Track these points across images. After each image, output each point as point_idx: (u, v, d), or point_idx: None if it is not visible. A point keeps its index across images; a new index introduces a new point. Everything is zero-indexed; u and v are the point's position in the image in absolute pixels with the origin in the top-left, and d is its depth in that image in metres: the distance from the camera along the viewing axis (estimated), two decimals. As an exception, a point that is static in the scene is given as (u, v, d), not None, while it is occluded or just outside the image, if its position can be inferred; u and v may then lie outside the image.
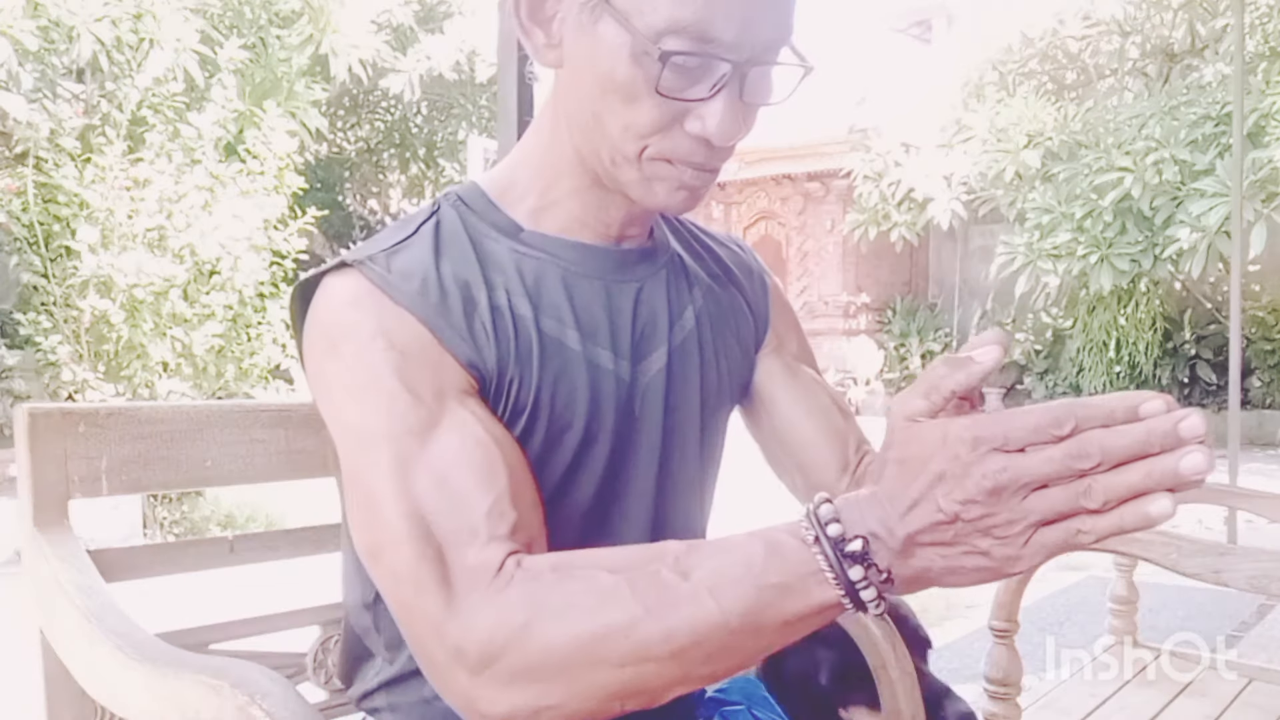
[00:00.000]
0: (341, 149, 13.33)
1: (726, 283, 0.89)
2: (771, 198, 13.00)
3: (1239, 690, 1.84)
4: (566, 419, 0.75)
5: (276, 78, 7.28)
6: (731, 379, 0.87)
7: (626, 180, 0.74)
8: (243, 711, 0.54)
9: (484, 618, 0.59)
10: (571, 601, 0.58)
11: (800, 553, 0.55)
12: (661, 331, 0.81)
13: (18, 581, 0.85)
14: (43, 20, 5.59)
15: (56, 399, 5.27)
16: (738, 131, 0.70)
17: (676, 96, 0.68)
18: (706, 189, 0.75)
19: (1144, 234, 8.47)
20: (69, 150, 5.43)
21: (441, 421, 0.66)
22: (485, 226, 0.77)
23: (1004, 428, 0.52)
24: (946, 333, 11.82)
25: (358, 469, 0.67)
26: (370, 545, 0.66)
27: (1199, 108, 8.46)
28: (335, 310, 0.71)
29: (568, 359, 0.75)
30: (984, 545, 0.53)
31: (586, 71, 0.71)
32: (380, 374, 0.67)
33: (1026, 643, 1.33)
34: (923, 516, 0.53)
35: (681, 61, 0.66)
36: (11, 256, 5.44)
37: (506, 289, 0.75)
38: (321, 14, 7.89)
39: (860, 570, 0.54)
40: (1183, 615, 3.47)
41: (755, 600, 0.55)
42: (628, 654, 0.56)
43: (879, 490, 0.56)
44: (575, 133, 0.75)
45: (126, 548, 0.84)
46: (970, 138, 10.08)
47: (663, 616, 0.56)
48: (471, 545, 0.61)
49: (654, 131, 0.70)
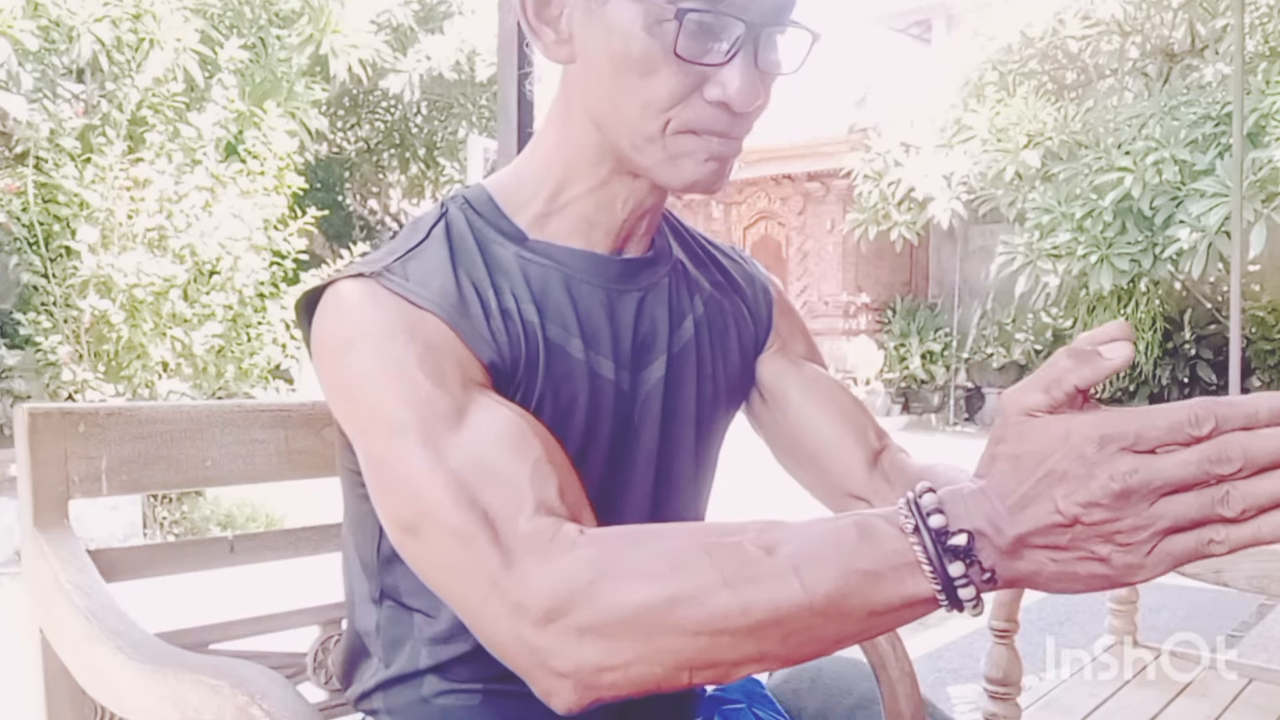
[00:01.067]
0: (341, 149, 13.32)
1: (729, 290, 0.89)
2: (771, 198, 13.01)
3: (1239, 690, 1.84)
4: (565, 426, 0.75)
5: (276, 78, 7.28)
6: (729, 386, 0.87)
7: (652, 162, 0.73)
8: (243, 711, 0.54)
9: (547, 574, 0.56)
10: (644, 564, 0.55)
11: (896, 541, 0.53)
12: (662, 340, 0.81)
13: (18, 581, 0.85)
14: (43, 20, 5.58)
15: (56, 399, 5.27)
16: (756, 96, 0.70)
17: (695, 60, 0.68)
18: (732, 161, 0.74)
19: (1144, 234, 8.47)
20: (69, 150, 5.43)
21: (469, 408, 0.65)
22: (491, 231, 0.78)
23: (1136, 426, 0.48)
24: (946, 333, 11.82)
25: (385, 455, 0.65)
26: (407, 519, 0.63)
27: (1199, 108, 8.46)
28: (352, 310, 0.69)
29: (571, 367, 0.76)
30: (1104, 551, 0.49)
31: (600, 57, 0.71)
32: (405, 364, 0.66)
33: (1026, 643, 1.33)
34: (1038, 516, 0.50)
35: (697, 19, 0.67)
36: (11, 256, 5.44)
37: (514, 294, 0.75)
38: (321, 14, 7.89)
39: (961, 567, 0.52)
40: (1183, 615, 3.47)
41: (843, 584, 0.53)
42: (703, 622, 0.53)
43: (988, 485, 0.52)
44: (592, 125, 0.75)
45: (126, 548, 0.84)
46: (970, 138, 10.08)
47: (742, 588, 0.53)
48: (521, 513, 0.59)
49: (674, 103, 0.70)
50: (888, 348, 11.88)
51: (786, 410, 0.90)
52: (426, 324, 0.69)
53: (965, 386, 11.76)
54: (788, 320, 0.93)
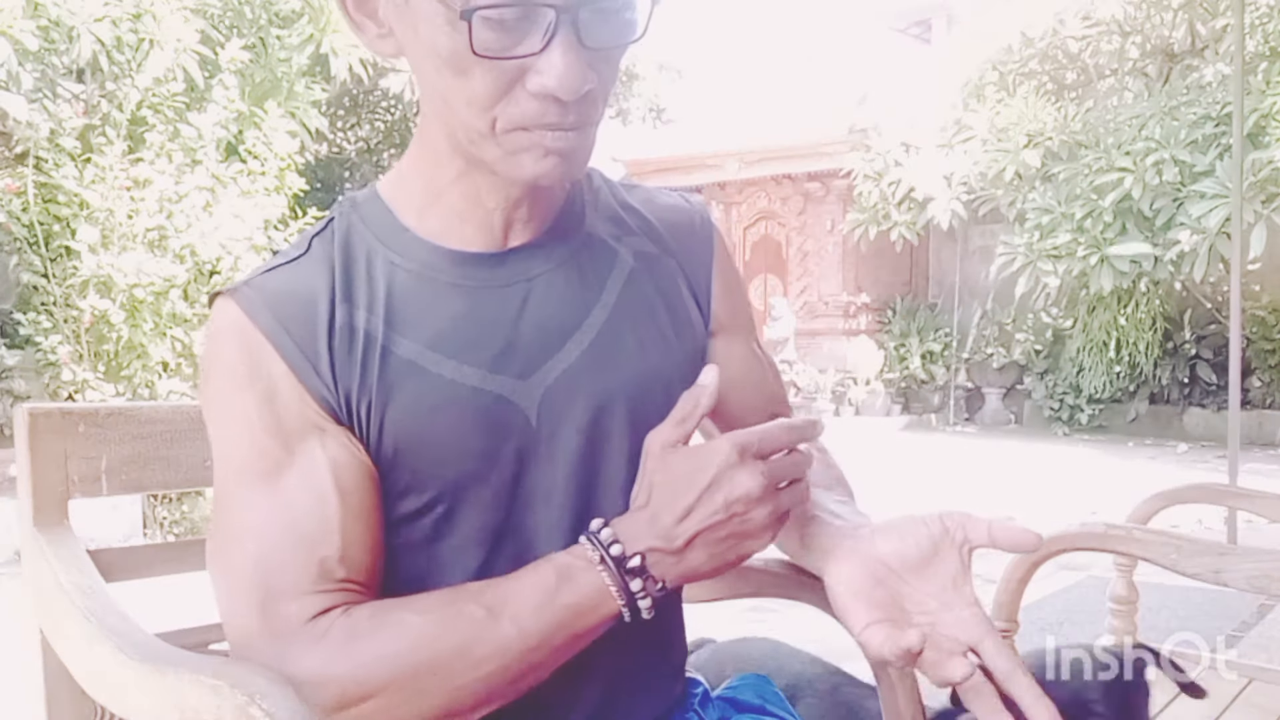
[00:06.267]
0: (341, 149, 13.32)
1: (662, 254, 0.83)
2: (771, 198, 13.00)
3: (1239, 690, 1.84)
4: (431, 446, 0.71)
5: (277, 78, 7.27)
6: (669, 362, 0.79)
7: (491, 158, 0.69)
8: (242, 711, 0.54)
9: (306, 663, 0.64)
10: (389, 646, 0.65)
11: (588, 574, 0.65)
12: (560, 333, 0.75)
13: (18, 581, 0.85)
14: (43, 20, 5.58)
15: (56, 399, 5.27)
16: (584, 81, 0.65)
17: (499, 56, 0.63)
18: (580, 152, 0.70)
19: (1144, 235, 8.47)
20: (69, 150, 5.43)
21: (290, 469, 0.68)
22: (370, 236, 0.75)
23: (758, 436, 0.67)
24: (946, 333, 11.81)
25: (220, 483, 0.71)
26: (218, 543, 0.70)
27: (1199, 108, 8.46)
28: (210, 339, 0.73)
29: (427, 383, 0.72)
30: (745, 531, 0.67)
31: (419, 53, 0.67)
32: (240, 412, 0.70)
33: (1026, 643, 1.33)
34: (703, 519, 0.66)
35: (494, 15, 0.62)
36: (11, 256, 5.44)
37: (371, 310, 0.72)
38: (321, 14, 7.88)
39: (640, 583, 0.65)
40: (1183, 615, 3.47)
41: (552, 622, 0.65)
42: (443, 685, 0.64)
43: (652, 508, 0.67)
44: (436, 118, 0.72)
45: (126, 548, 0.84)
46: (970, 138, 10.08)
47: (472, 650, 0.65)
48: (296, 599, 0.66)
49: (495, 100, 0.66)
50: (888, 348, 11.88)
51: None
52: (264, 361, 0.70)
53: (965, 387, 11.76)
54: (724, 279, 0.86)
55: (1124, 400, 10.54)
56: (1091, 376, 10.23)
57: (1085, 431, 10.55)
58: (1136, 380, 10.29)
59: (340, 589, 0.67)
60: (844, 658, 1.16)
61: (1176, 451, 9.16)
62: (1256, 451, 8.56)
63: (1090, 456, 8.77)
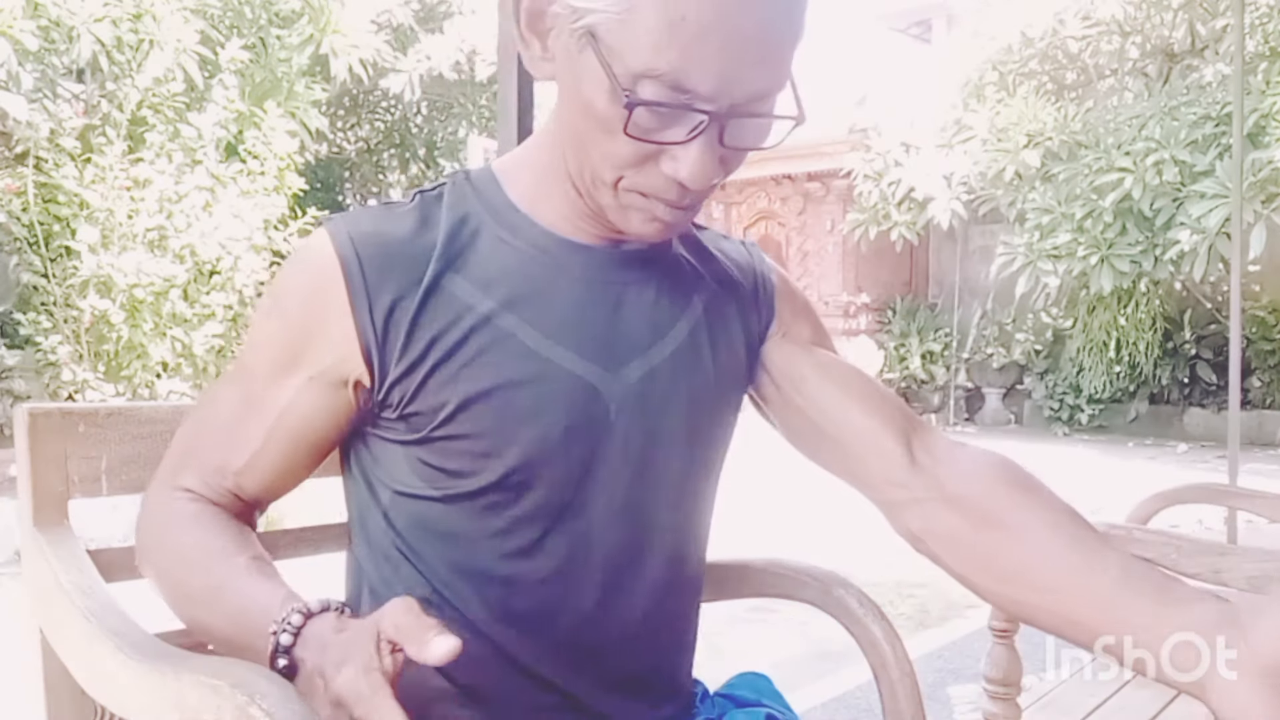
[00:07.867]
0: (341, 149, 13.32)
1: (732, 286, 0.87)
2: (771, 198, 13.00)
3: (1239, 690, 1.84)
4: (509, 412, 0.74)
5: (276, 78, 7.27)
6: (732, 383, 0.85)
7: (604, 204, 0.74)
8: (242, 711, 0.54)
9: (142, 515, 0.79)
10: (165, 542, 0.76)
11: (264, 633, 0.65)
12: (645, 338, 0.79)
13: (18, 581, 0.85)
14: (43, 20, 5.58)
15: (56, 399, 5.27)
16: (712, 176, 0.70)
17: (647, 139, 0.68)
18: (682, 225, 0.76)
19: (1144, 235, 8.47)
20: (69, 150, 5.43)
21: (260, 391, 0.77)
22: (481, 209, 0.78)
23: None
24: (946, 333, 11.82)
25: (224, 375, 0.83)
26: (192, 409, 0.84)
27: (1199, 108, 8.46)
28: (291, 255, 0.80)
29: (519, 354, 0.75)
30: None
31: (573, 97, 0.71)
32: (271, 331, 0.78)
33: (1026, 642, 1.33)
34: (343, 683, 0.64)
35: (653, 109, 0.66)
36: (11, 256, 5.44)
37: (470, 277, 0.75)
38: (321, 14, 7.89)
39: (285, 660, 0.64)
40: (1183, 615, 3.46)
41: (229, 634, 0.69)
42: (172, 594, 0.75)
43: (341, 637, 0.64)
44: (564, 146, 0.75)
45: (126, 548, 0.84)
46: (970, 138, 10.08)
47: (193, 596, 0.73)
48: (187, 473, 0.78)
49: (629, 166, 0.71)
50: (888, 348, 11.88)
51: (804, 394, 0.86)
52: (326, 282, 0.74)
53: (965, 387, 11.76)
54: (791, 306, 0.90)
55: (1124, 400, 10.54)
56: (1091, 376, 10.23)
57: (1085, 431, 10.55)
58: (1136, 380, 10.29)
59: (223, 491, 0.78)
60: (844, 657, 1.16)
61: (1176, 451, 9.17)
62: (1256, 451, 8.56)
63: (1090, 456, 8.77)
